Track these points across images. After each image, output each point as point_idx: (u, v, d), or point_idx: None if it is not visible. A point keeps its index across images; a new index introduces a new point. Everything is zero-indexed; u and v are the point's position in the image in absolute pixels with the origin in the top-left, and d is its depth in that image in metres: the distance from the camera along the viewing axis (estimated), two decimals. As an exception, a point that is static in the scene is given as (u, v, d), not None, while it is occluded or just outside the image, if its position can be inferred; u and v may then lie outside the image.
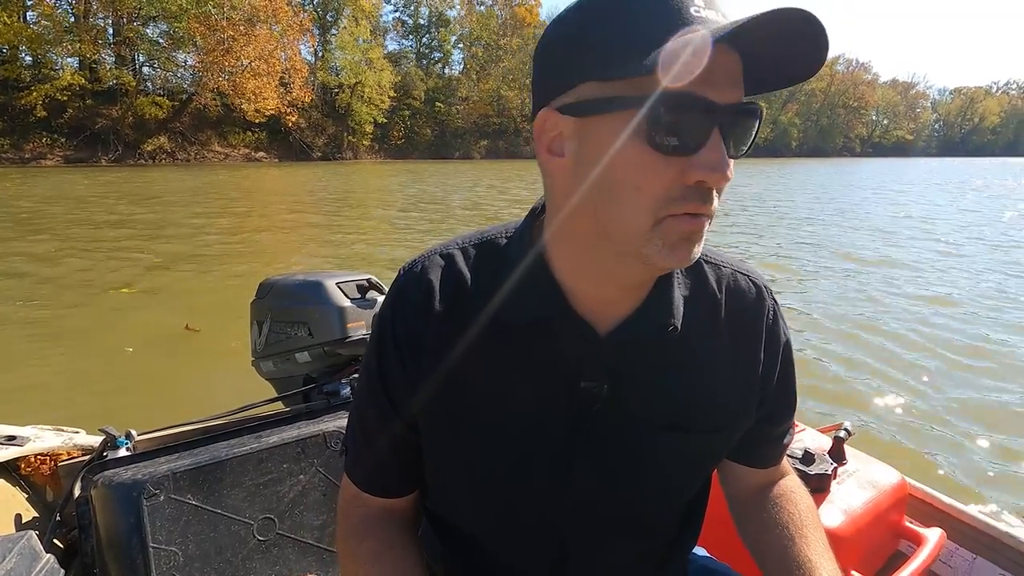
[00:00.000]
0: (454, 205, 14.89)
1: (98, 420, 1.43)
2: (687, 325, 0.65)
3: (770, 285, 0.75)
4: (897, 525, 1.35)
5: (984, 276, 7.02)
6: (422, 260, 0.69)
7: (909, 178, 30.14)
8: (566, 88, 0.55)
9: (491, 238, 0.70)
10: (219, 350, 4.30)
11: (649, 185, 0.52)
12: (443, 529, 0.81)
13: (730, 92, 0.52)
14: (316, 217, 12.40)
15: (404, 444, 0.72)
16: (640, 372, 0.66)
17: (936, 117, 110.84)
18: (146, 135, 34.83)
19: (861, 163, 60.47)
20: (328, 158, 43.89)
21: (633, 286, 0.63)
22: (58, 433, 1.43)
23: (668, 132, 0.50)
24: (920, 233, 10.59)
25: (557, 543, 0.72)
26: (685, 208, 0.52)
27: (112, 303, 5.76)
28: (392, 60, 54.33)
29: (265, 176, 25.83)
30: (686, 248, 0.54)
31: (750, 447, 0.78)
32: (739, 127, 0.54)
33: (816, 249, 8.83)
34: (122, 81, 34.60)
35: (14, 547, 1.07)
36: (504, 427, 0.66)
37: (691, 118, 0.50)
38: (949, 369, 4.11)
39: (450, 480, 0.74)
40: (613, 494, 0.69)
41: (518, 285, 0.64)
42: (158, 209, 13.03)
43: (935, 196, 18.70)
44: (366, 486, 0.75)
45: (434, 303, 0.65)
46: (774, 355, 0.72)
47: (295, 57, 41.11)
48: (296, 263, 7.67)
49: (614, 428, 0.66)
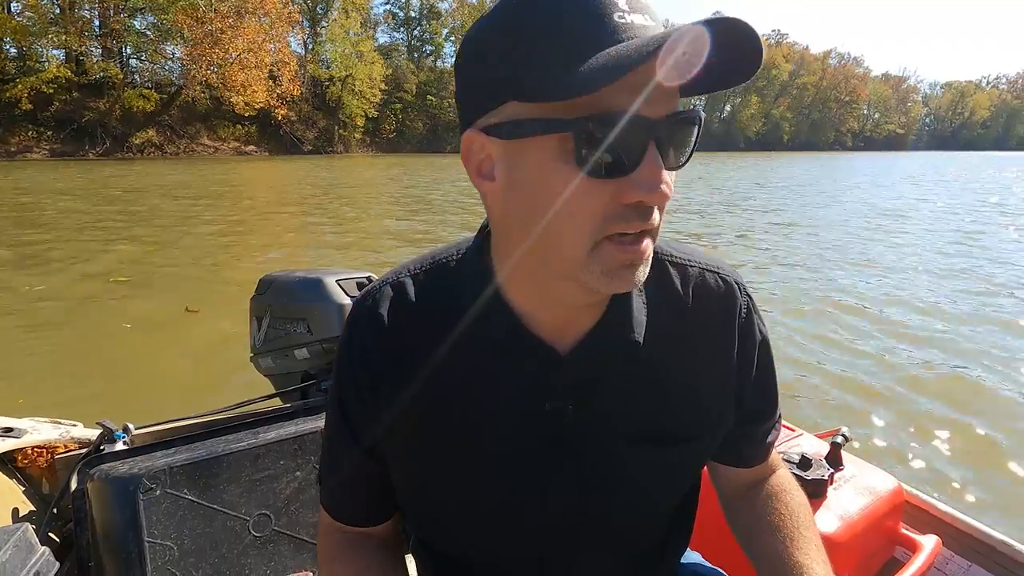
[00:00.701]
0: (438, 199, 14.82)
1: (96, 413, 1.43)
2: (652, 334, 0.63)
3: (743, 280, 0.72)
4: (893, 531, 1.34)
5: (986, 282, 6.90)
6: (373, 293, 0.67)
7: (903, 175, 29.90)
8: (489, 108, 0.51)
9: (442, 261, 0.67)
10: (216, 338, 4.30)
11: (583, 210, 0.49)
12: (426, 547, 0.80)
13: (664, 104, 0.48)
14: (294, 209, 12.31)
15: (372, 476, 0.71)
16: (606, 387, 0.64)
17: (927, 111, 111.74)
18: (134, 128, 34.56)
19: (852, 157, 60.45)
20: (319, 151, 43.67)
21: (585, 305, 0.60)
22: (55, 426, 1.42)
23: (600, 155, 0.47)
24: (922, 234, 10.48)
25: (537, 558, 0.71)
26: (625, 228, 0.50)
27: (109, 293, 5.76)
28: (383, 53, 54.05)
29: (252, 170, 25.66)
30: (628, 274, 0.52)
31: (734, 448, 0.76)
32: (677, 137, 0.51)
33: (815, 250, 8.75)
34: (109, 74, 34.28)
35: (9, 539, 1.07)
36: (473, 450, 0.65)
37: (623, 138, 0.47)
38: (948, 376, 4.08)
39: (425, 504, 0.72)
40: (591, 508, 0.68)
41: (473, 311, 0.61)
42: (144, 201, 12.97)
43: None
44: (339, 516, 0.74)
45: (387, 336, 0.64)
46: (749, 354, 0.70)
47: (284, 50, 40.73)
48: (277, 259, 7.66)
49: (587, 445, 0.64)
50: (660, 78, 0.46)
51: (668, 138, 0.49)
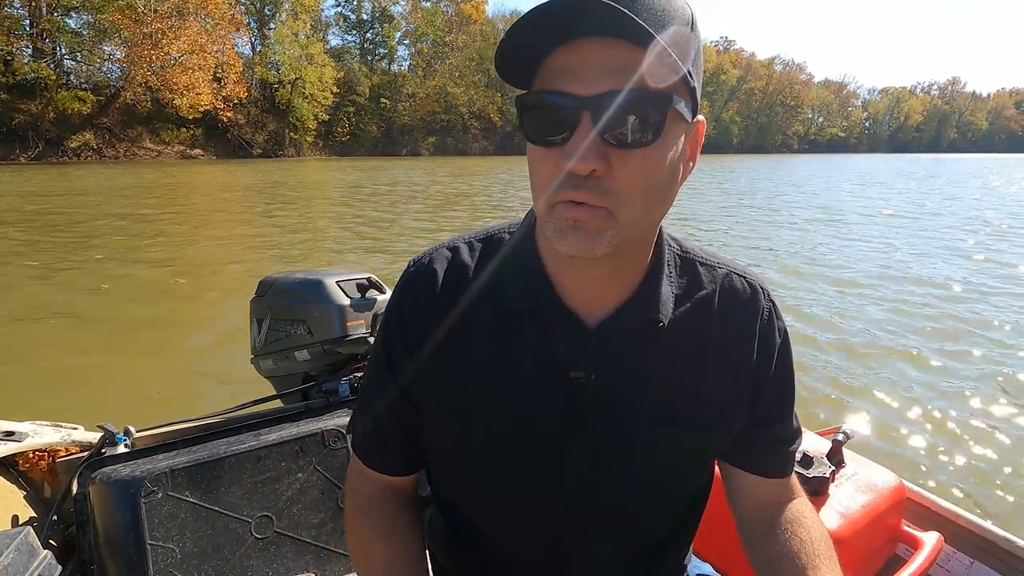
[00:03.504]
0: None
1: (97, 416, 1.41)
2: (676, 321, 0.67)
3: (767, 286, 0.75)
4: (895, 529, 1.35)
5: (986, 281, 6.97)
6: (430, 253, 0.73)
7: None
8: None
9: (495, 234, 0.74)
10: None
11: (538, 174, 0.58)
12: (448, 513, 0.83)
13: (598, 82, 0.52)
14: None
15: (407, 426, 0.75)
16: (626, 364, 0.67)
17: (866, 115, 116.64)
18: (69, 131, 32.88)
19: (799, 159, 62.27)
20: (269, 155, 42.58)
21: (600, 276, 0.65)
22: (56, 429, 1.40)
23: (537, 128, 0.56)
24: (922, 237, 10.47)
25: (550, 531, 0.74)
26: (561, 196, 0.56)
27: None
28: (335, 56, 53.14)
29: (189, 174, 24.63)
30: (575, 235, 0.56)
31: (748, 449, 0.77)
32: (613, 115, 0.53)
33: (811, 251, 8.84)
34: (41, 74, 32.49)
35: (11, 543, 1.06)
36: (501, 413, 0.69)
37: (555, 112, 0.55)
38: (950, 374, 4.10)
39: (451, 463, 0.77)
40: (605, 483, 0.71)
41: (513, 276, 0.68)
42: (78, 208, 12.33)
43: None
44: (370, 462, 0.79)
45: (438, 293, 0.70)
46: (768, 355, 0.73)
47: (229, 51, 39.56)
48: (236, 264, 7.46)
49: (604, 418, 0.68)
50: (579, 60, 0.53)
51: (600, 114, 0.53)
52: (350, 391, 1.52)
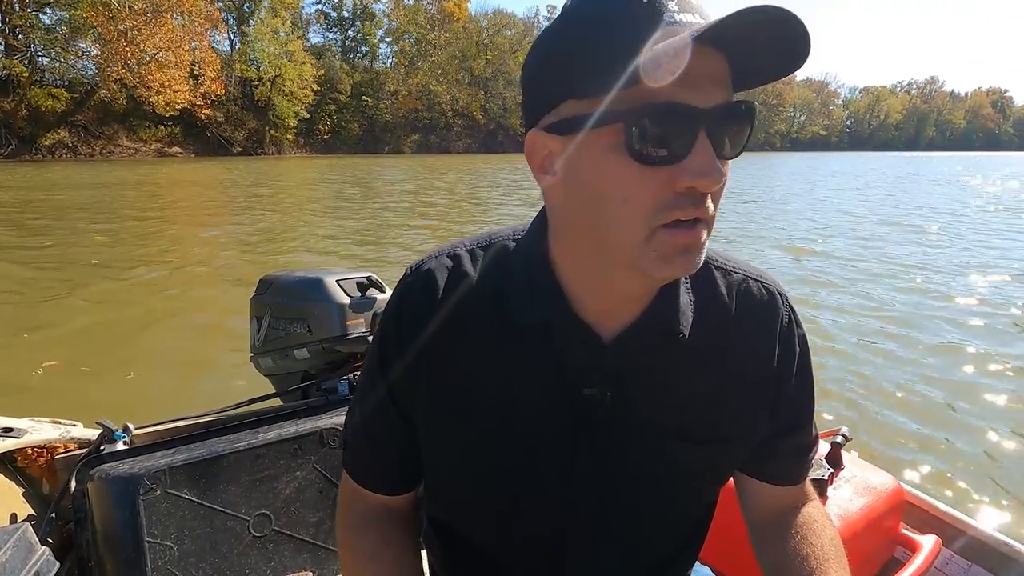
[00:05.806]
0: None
1: (96, 413, 1.39)
2: (694, 331, 0.64)
3: (786, 292, 0.72)
4: (893, 531, 1.34)
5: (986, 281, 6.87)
6: (429, 260, 0.68)
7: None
8: (549, 108, 0.55)
9: (499, 241, 0.69)
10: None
11: (637, 197, 0.51)
12: (444, 533, 0.79)
13: (714, 93, 0.50)
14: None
15: (402, 441, 0.71)
16: (645, 379, 0.64)
17: (847, 114, 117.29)
18: (43, 129, 32.24)
19: (784, 157, 61.91)
20: (249, 153, 42.17)
21: (635, 295, 0.61)
22: (55, 426, 1.39)
23: (651, 143, 0.49)
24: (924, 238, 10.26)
25: (555, 550, 0.71)
26: (676, 215, 0.51)
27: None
28: (315, 53, 52.69)
29: (162, 174, 24.05)
30: (683, 259, 0.53)
31: (766, 460, 0.74)
32: (729, 128, 0.52)
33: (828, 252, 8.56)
34: (14, 71, 31.76)
35: (9, 539, 1.05)
36: (505, 430, 0.65)
37: (673, 126, 0.49)
38: (948, 376, 4.05)
39: (449, 481, 0.72)
40: (613, 502, 0.68)
41: (523, 287, 0.63)
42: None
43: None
44: (363, 482, 0.74)
45: (439, 303, 0.65)
46: (788, 365, 0.70)
47: (205, 48, 38.99)
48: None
49: (617, 435, 0.65)
50: (710, 67, 0.49)
51: (719, 127, 0.51)
52: (349, 389, 1.52)
